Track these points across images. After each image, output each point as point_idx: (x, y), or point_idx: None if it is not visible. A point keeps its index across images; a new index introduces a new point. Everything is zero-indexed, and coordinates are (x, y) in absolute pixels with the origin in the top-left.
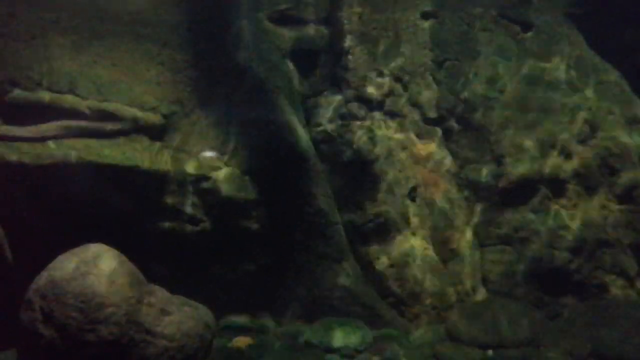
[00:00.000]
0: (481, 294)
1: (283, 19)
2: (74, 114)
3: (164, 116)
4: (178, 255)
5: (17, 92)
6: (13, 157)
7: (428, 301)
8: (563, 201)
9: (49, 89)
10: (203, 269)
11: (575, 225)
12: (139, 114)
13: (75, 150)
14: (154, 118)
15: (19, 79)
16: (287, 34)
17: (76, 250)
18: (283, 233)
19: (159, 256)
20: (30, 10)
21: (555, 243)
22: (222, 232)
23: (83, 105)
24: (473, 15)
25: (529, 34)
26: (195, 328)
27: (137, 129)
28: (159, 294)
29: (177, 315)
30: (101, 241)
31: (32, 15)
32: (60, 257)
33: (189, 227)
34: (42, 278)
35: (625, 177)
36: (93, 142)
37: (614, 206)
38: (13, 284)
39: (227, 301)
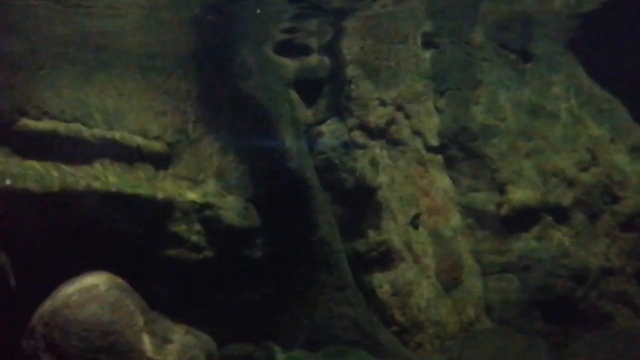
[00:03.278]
0: (485, 323)
1: (286, 49)
2: (80, 142)
3: (169, 145)
4: (182, 283)
5: (24, 121)
6: (19, 185)
7: (431, 330)
8: (566, 229)
9: (56, 118)
10: (206, 296)
11: (578, 253)
12: (143, 142)
13: (81, 177)
14: (158, 146)
15: (27, 108)
16: (290, 64)
17: (80, 278)
18: (286, 261)
19: (163, 283)
20: (39, 41)
21: (559, 271)
22: (225, 260)
23: (89, 133)
24: (473, 45)
25: (529, 64)
26: (197, 357)
27: (142, 157)
28: (162, 323)
29: (179, 344)
30: (106, 268)
31: (41, 47)
32: (64, 285)
33: (192, 255)
34: (46, 306)
35: (628, 205)
36: (99, 170)
37: (618, 234)
38: (16, 311)
39: (230, 329)
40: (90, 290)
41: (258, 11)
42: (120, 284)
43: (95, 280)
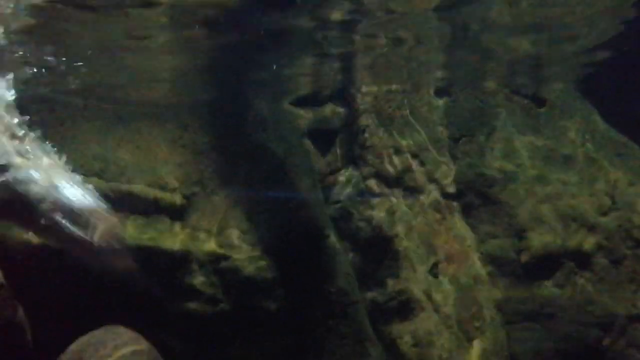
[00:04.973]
0: None
1: (300, 100)
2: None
3: (185, 197)
4: (198, 336)
5: None
6: (35, 239)
7: None
8: (588, 275)
9: (75, 172)
10: (223, 349)
11: (603, 299)
12: (160, 194)
13: (97, 231)
14: (175, 198)
15: None
16: (304, 114)
17: (96, 332)
18: (303, 313)
19: (180, 336)
20: (59, 97)
21: (584, 319)
22: (241, 312)
23: (107, 187)
24: (486, 92)
25: (543, 109)
26: None
27: (159, 209)
28: None
29: None
30: (122, 321)
31: (61, 103)
32: (80, 340)
33: (208, 308)
34: None
35: None
36: (115, 223)
37: None
38: None
39: None
40: (106, 346)
41: (274, 67)
42: (136, 338)
43: (111, 335)
